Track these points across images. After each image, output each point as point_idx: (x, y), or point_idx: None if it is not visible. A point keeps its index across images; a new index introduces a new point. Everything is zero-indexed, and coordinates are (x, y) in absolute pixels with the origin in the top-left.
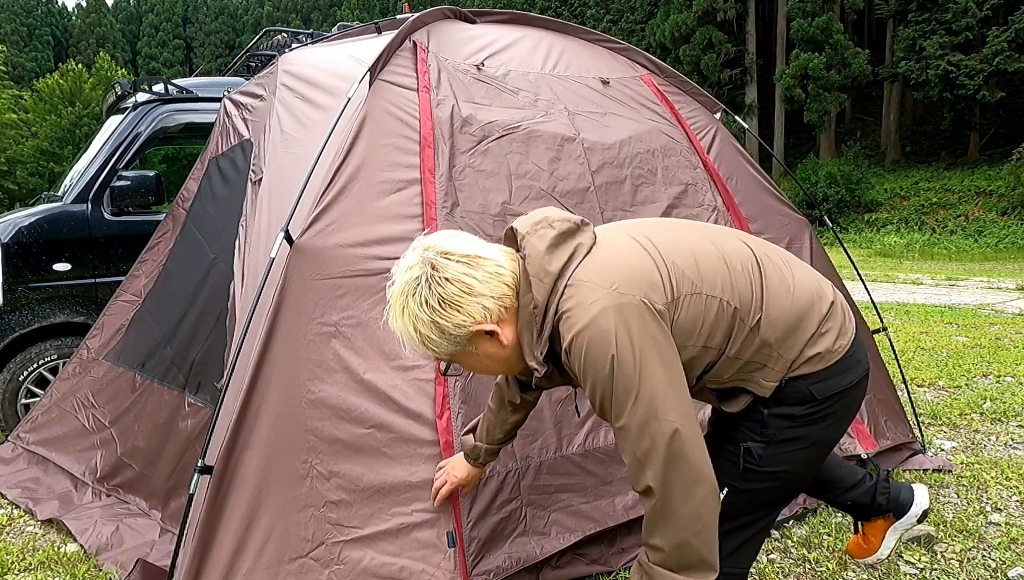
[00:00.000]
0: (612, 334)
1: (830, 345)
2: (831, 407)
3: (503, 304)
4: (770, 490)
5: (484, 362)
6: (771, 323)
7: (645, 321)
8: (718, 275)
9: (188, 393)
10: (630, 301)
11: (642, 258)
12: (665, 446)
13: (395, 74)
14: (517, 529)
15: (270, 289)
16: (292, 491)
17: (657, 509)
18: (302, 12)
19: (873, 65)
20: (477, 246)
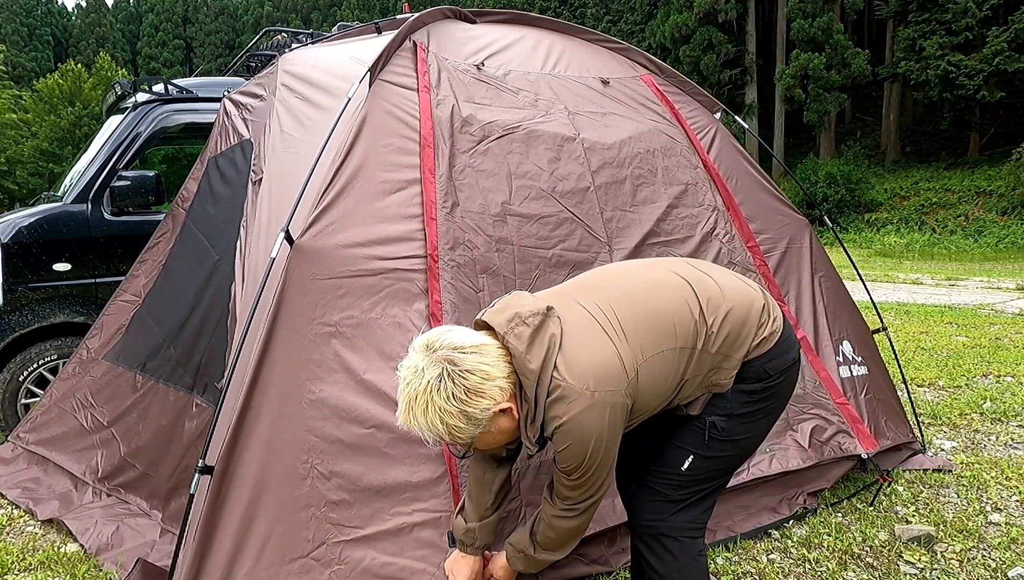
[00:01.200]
0: (591, 432)
1: (772, 330)
2: (782, 380)
3: (511, 381)
4: (729, 456)
5: (497, 437)
6: (718, 338)
7: (615, 415)
8: (667, 325)
9: (195, 394)
10: (603, 400)
11: (604, 346)
12: (589, 506)
13: (395, 74)
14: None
15: (270, 289)
16: (293, 491)
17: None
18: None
19: (873, 65)
20: (476, 336)
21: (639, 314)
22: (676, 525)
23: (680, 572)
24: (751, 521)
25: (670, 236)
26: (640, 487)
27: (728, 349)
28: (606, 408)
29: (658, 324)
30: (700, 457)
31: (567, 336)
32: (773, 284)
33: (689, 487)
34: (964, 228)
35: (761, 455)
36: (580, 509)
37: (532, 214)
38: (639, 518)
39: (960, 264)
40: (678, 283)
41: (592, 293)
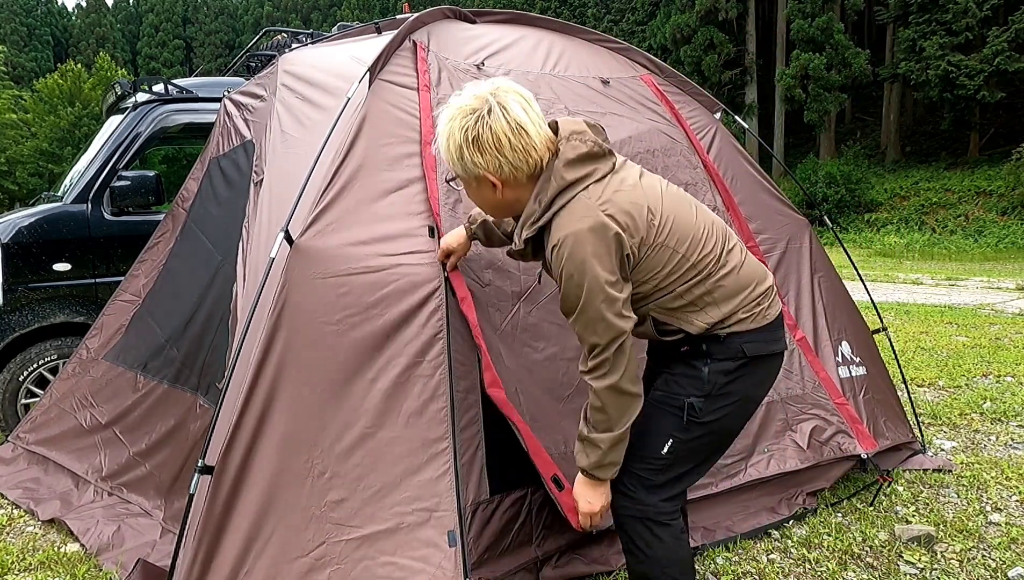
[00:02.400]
0: (586, 249)
1: (765, 312)
2: (758, 367)
3: (514, 173)
4: (707, 439)
5: (476, 196)
6: (719, 285)
7: (612, 244)
8: (692, 235)
9: (199, 395)
10: (607, 223)
11: (639, 196)
12: (606, 357)
13: (395, 73)
14: (518, 520)
15: (270, 289)
16: (293, 491)
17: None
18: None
19: (873, 65)
20: (530, 119)
21: (684, 211)
22: (663, 510)
23: (669, 555)
24: (751, 521)
25: None
26: (623, 474)
27: (721, 296)
28: (609, 232)
29: (689, 229)
30: (680, 440)
31: (614, 174)
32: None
33: (671, 470)
34: (964, 228)
35: (760, 455)
36: (600, 361)
37: None
38: (625, 505)
39: (960, 264)
40: (722, 224)
41: (660, 179)
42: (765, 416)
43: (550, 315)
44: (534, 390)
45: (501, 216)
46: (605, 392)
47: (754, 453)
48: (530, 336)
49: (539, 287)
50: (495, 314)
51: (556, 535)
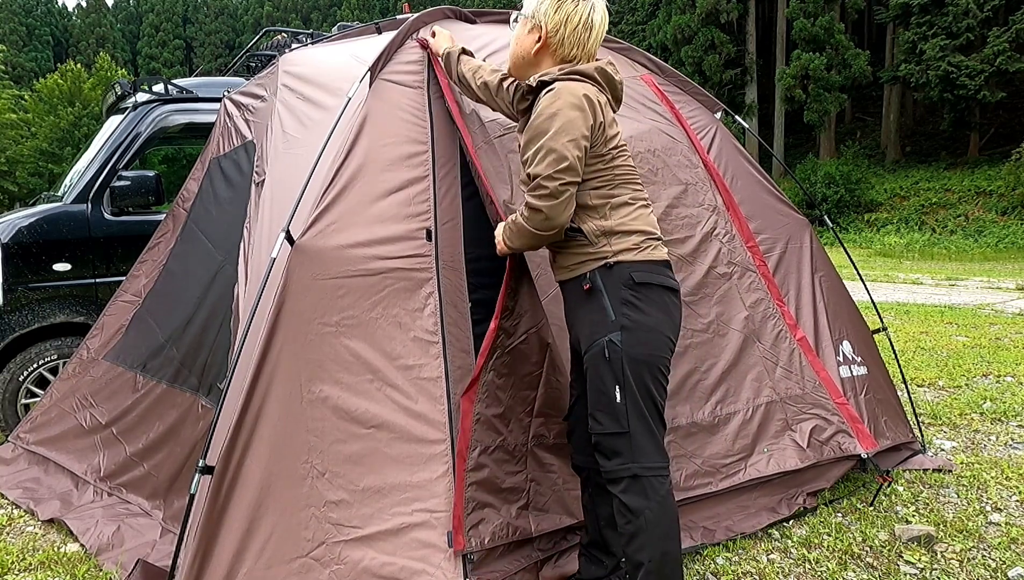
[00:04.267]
0: (561, 101)
1: (648, 249)
2: (651, 295)
3: (557, 47)
4: (643, 369)
5: (518, 41)
6: (622, 202)
7: (583, 104)
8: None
9: (200, 395)
10: (586, 100)
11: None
12: (545, 192)
13: (396, 73)
14: (519, 501)
15: (271, 289)
16: (293, 491)
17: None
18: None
19: (873, 65)
20: (595, 30)
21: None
22: (645, 466)
23: (655, 512)
24: (751, 521)
25: (670, 236)
26: (591, 435)
27: (617, 211)
28: (586, 102)
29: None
30: (623, 384)
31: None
32: (772, 284)
33: (633, 414)
34: (964, 228)
35: (760, 455)
36: (540, 186)
37: None
38: (608, 463)
39: (960, 264)
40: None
41: None
42: (765, 416)
43: (549, 317)
44: (565, 380)
45: (516, 70)
46: (533, 212)
47: (754, 452)
48: None
49: (539, 288)
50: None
51: (551, 516)
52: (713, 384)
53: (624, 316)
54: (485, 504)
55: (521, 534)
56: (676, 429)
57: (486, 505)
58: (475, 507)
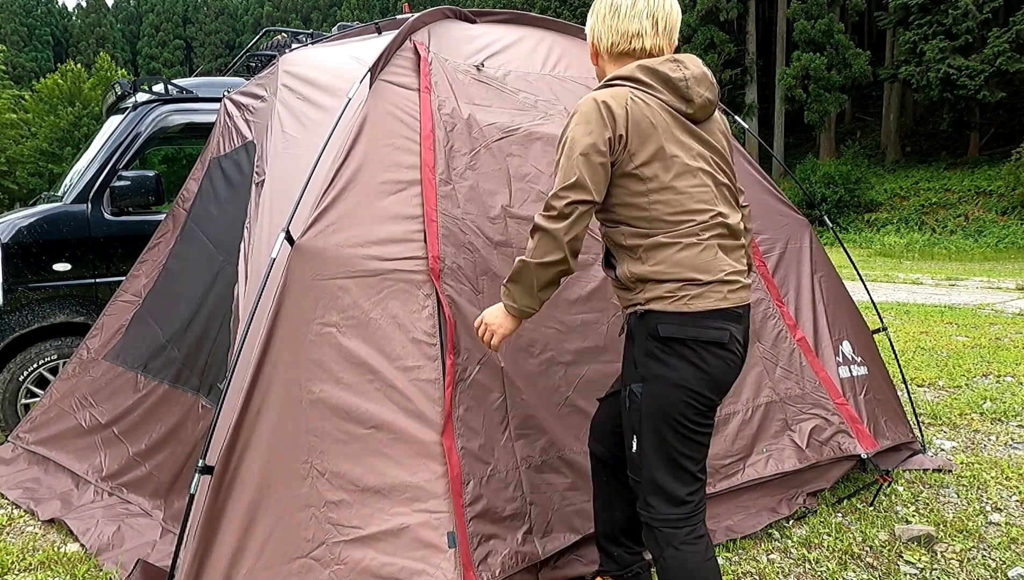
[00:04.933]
0: (583, 115)
1: (684, 297)
2: (678, 350)
3: (604, 54)
4: (659, 424)
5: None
6: (659, 245)
7: (601, 112)
8: (675, 186)
9: (201, 395)
10: (601, 102)
11: (642, 113)
12: (556, 213)
13: (396, 74)
14: (522, 527)
15: (271, 289)
16: (292, 491)
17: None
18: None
19: (874, 65)
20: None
21: (678, 165)
22: (655, 516)
23: (671, 558)
24: (751, 521)
25: None
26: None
27: (654, 256)
28: (602, 108)
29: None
30: (639, 435)
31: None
32: (772, 284)
33: (645, 466)
34: (964, 228)
35: (759, 455)
36: (549, 206)
37: (532, 216)
38: (641, 512)
39: (960, 264)
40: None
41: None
42: (764, 416)
43: (546, 320)
44: (530, 398)
45: None
46: (538, 234)
47: (752, 453)
48: (526, 342)
49: None
50: None
51: (556, 536)
52: None
53: (645, 367)
54: (490, 536)
55: (530, 560)
56: None
57: (491, 537)
58: (480, 541)
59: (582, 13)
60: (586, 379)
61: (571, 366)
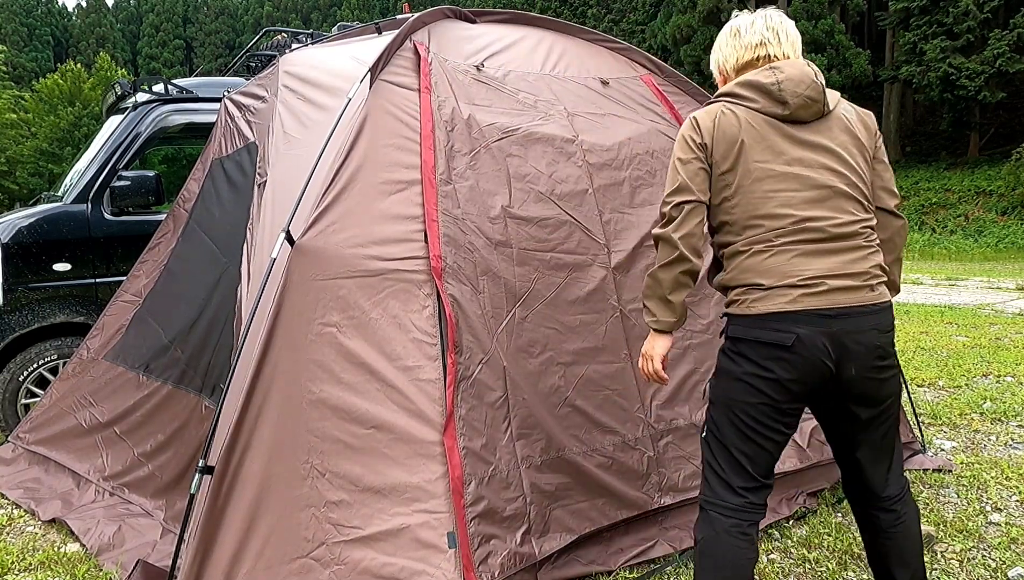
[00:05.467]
0: (681, 129)
1: (747, 300)
2: (743, 350)
3: (727, 78)
4: (720, 421)
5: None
6: (737, 250)
7: (686, 134)
8: (759, 195)
9: (204, 396)
10: (694, 117)
11: (731, 125)
12: (666, 218)
13: (396, 74)
14: (521, 527)
15: (271, 290)
16: (293, 491)
17: None
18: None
19: (874, 65)
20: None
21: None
22: (709, 499)
23: (709, 542)
24: None
25: None
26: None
27: (735, 262)
28: (691, 122)
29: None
30: (706, 425)
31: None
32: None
33: (712, 453)
34: (964, 228)
35: None
36: (660, 214)
37: (531, 217)
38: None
39: (960, 264)
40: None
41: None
42: None
43: (545, 321)
44: (530, 398)
45: None
46: (659, 247)
47: None
48: (526, 342)
49: (533, 293)
50: (491, 321)
51: (554, 536)
52: None
53: (719, 364)
54: (491, 536)
55: (527, 560)
56: (675, 430)
57: (492, 537)
58: (481, 541)
59: (582, 13)
60: (585, 379)
61: (570, 366)
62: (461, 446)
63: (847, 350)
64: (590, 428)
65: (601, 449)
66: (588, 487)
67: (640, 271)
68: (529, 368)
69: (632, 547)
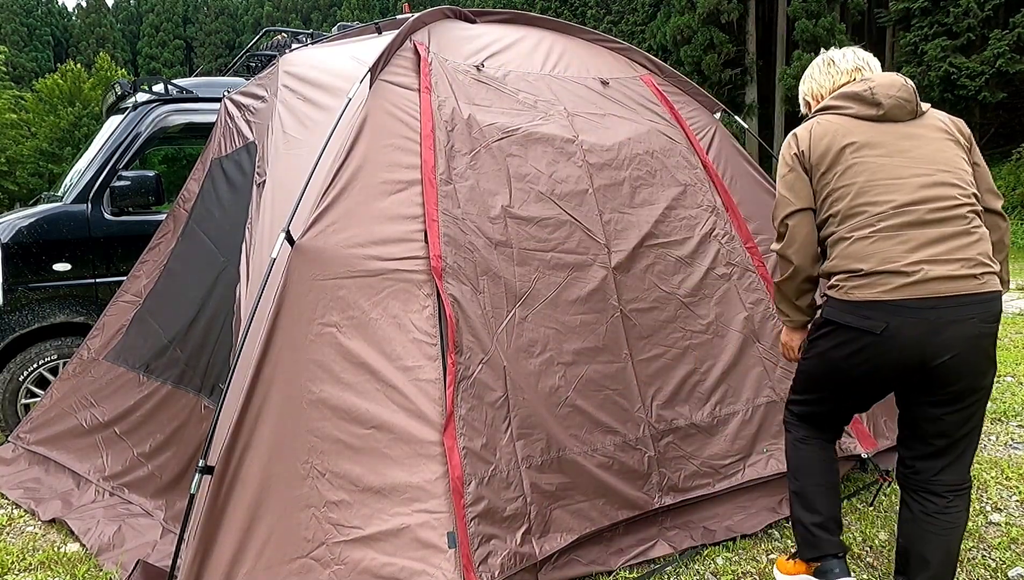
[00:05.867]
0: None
1: (846, 287)
2: (833, 333)
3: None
4: (806, 378)
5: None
6: (840, 238)
7: (794, 142)
8: (862, 188)
9: (203, 396)
10: (794, 133)
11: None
12: (778, 233)
13: (396, 74)
14: (521, 527)
15: (271, 290)
16: (293, 491)
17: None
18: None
19: None
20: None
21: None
22: (787, 416)
23: (796, 462)
24: (751, 521)
25: (668, 237)
26: None
27: (837, 249)
28: (792, 135)
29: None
30: (798, 373)
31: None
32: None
33: (799, 394)
34: None
35: (759, 455)
36: (776, 230)
37: (531, 217)
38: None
39: None
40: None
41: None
42: (765, 416)
43: (546, 320)
44: (531, 398)
45: None
46: (778, 258)
47: (752, 453)
48: (526, 342)
49: (534, 293)
50: (491, 321)
51: (554, 536)
52: (713, 385)
53: (810, 336)
54: (491, 536)
55: (528, 560)
56: (675, 430)
57: (492, 537)
58: (481, 541)
59: (582, 13)
60: (585, 379)
61: (571, 366)
62: (461, 446)
63: (942, 340)
64: (591, 428)
65: (602, 449)
66: (588, 487)
67: (640, 271)
68: (529, 368)
69: (632, 547)
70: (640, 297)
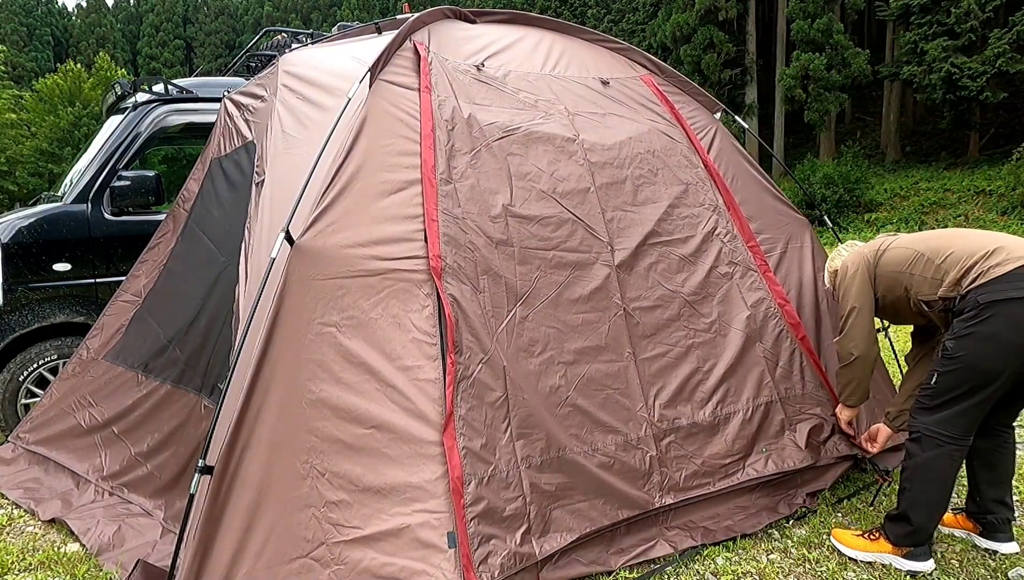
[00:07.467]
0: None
1: (988, 269)
2: (992, 310)
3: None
4: (958, 371)
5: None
6: (941, 268)
7: (861, 270)
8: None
9: (203, 395)
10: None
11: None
12: (847, 334)
13: (396, 74)
14: (521, 527)
15: (271, 289)
16: (292, 491)
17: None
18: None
19: (873, 64)
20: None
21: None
22: (932, 431)
23: (920, 462)
24: (751, 521)
25: (671, 236)
26: (914, 403)
27: (946, 272)
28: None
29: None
30: (940, 374)
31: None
32: (774, 283)
33: (936, 397)
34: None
35: (758, 455)
36: (843, 333)
37: (533, 215)
38: (909, 423)
39: None
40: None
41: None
42: (764, 415)
43: (547, 320)
44: (531, 397)
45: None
46: (840, 349)
47: (752, 452)
48: (526, 341)
49: (535, 292)
50: (491, 320)
51: (554, 536)
52: (715, 384)
53: (961, 328)
54: (491, 536)
55: (528, 560)
56: (678, 430)
57: (492, 537)
58: (481, 541)
59: (582, 13)
60: (587, 378)
61: (572, 366)
62: (461, 446)
63: None
64: (591, 427)
65: (602, 448)
66: (589, 487)
67: (644, 269)
68: (529, 368)
69: (633, 547)
70: (644, 295)
